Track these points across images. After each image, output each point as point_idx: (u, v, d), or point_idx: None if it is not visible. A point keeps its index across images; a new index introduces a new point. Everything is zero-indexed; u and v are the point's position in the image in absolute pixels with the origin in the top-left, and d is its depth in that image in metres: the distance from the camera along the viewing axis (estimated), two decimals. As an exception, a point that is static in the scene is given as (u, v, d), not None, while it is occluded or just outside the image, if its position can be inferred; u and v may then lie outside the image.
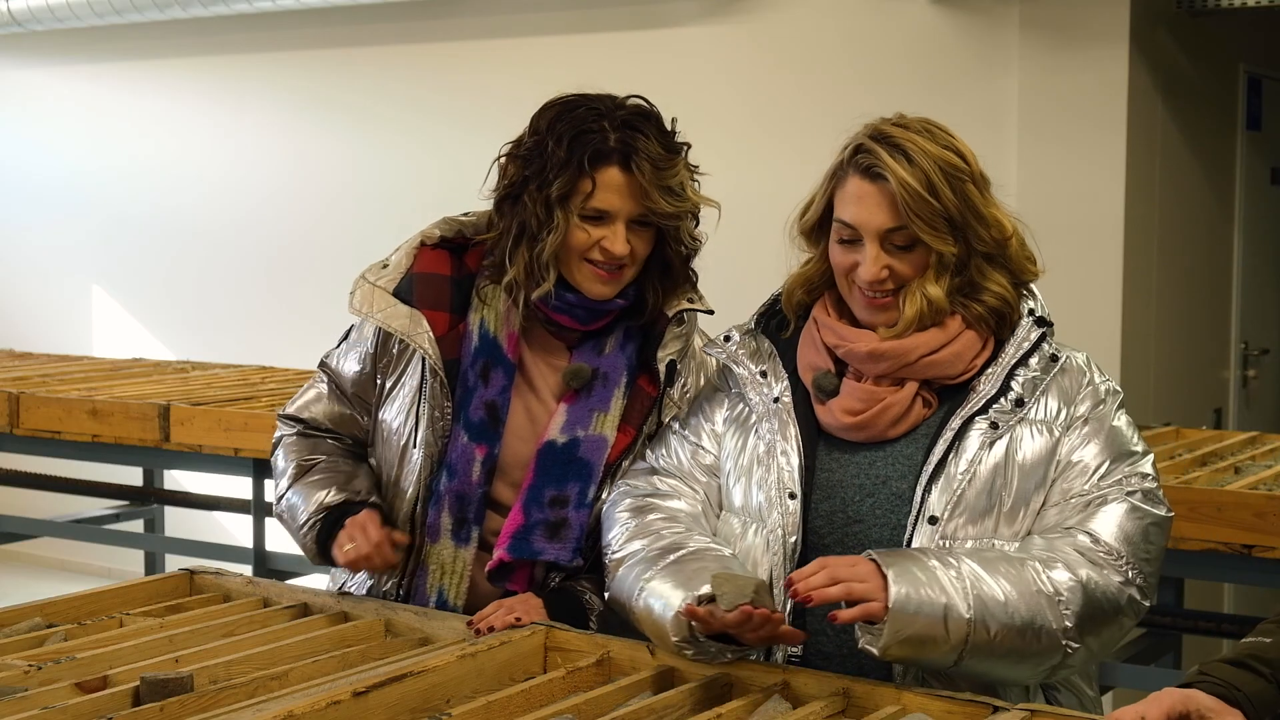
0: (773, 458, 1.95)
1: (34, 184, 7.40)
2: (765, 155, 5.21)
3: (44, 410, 4.47)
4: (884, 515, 1.90)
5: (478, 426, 2.13)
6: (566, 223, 2.05)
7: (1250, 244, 5.60)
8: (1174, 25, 4.96)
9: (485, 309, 2.16)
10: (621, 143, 2.04)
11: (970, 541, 1.85)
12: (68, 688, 1.78)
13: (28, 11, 6.53)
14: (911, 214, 1.85)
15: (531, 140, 2.09)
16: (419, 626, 2.09)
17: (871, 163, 1.88)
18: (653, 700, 1.74)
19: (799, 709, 1.74)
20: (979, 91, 4.94)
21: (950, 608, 1.71)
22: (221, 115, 6.75)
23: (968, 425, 1.88)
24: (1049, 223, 4.76)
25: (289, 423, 2.32)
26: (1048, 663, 1.77)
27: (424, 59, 6.18)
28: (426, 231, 2.22)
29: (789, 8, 5.32)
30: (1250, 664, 1.60)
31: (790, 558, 1.91)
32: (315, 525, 2.18)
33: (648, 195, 2.05)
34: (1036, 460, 1.88)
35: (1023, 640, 1.74)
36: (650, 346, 2.17)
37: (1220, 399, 5.50)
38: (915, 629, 1.71)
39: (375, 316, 2.17)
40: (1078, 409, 1.91)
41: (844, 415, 1.92)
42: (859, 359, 1.92)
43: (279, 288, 6.64)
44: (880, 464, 1.92)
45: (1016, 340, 1.92)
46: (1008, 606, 1.73)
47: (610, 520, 2.05)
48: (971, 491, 1.86)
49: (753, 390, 2.01)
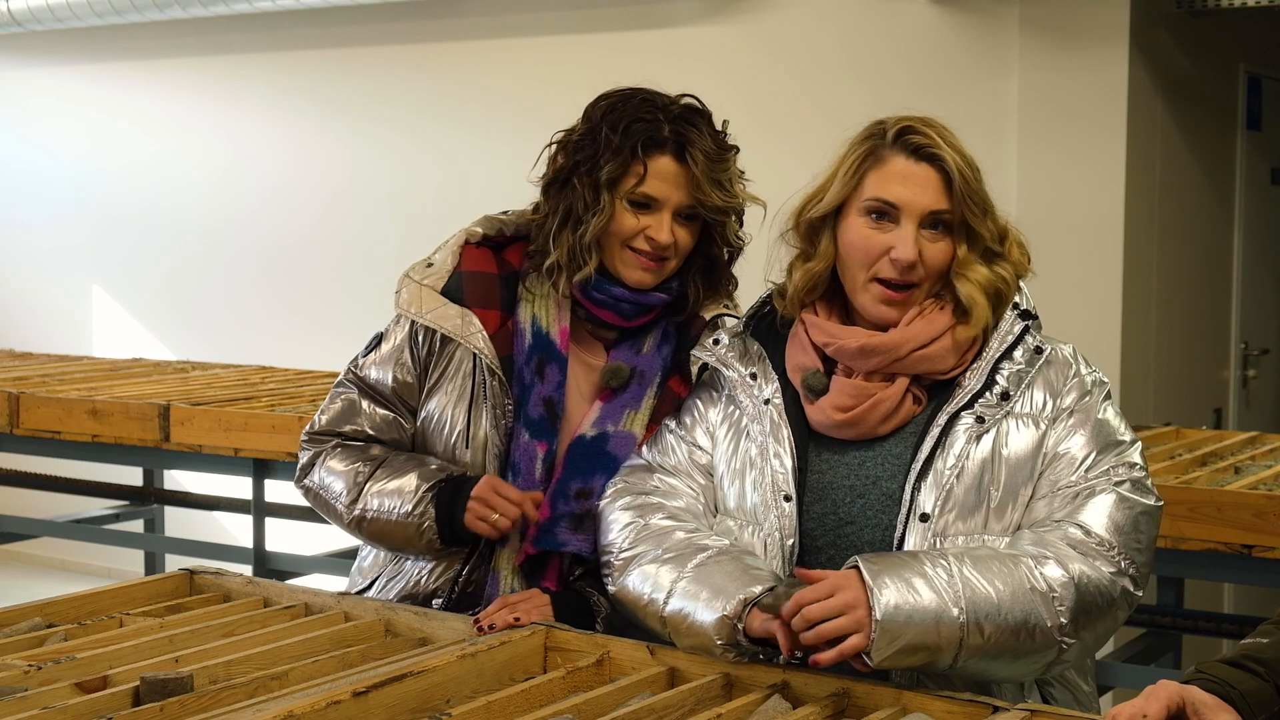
0: (766, 460, 1.95)
1: (34, 184, 7.40)
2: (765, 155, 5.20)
3: (44, 410, 4.47)
4: (875, 516, 1.90)
5: (537, 423, 2.13)
6: (613, 207, 2.06)
7: (1250, 244, 5.60)
8: (1174, 25, 4.96)
9: (535, 304, 2.16)
10: (675, 134, 2.07)
11: (961, 538, 1.85)
12: (68, 688, 1.78)
13: (28, 11, 6.53)
14: (965, 196, 1.87)
15: (585, 128, 2.10)
16: (419, 626, 2.09)
17: (923, 143, 1.88)
18: (653, 700, 1.74)
19: (799, 709, 1.74)
20: (979, 91, 4.94)
21: (942, 613, 1.71)
22: (221, 115, 6.75)
23: (954, 421, 1.88)
24: (1049, 223, 4.77)
25: (323, 438, 2.24)
26: (1044, 660, 1.77)
27: (424, 59, 6.18)
28: (470, 229, 2.21)
29: (789, 8, 5.32)
30: (1246, 664, 1.60)
31: (789, 560, 1.91)
32: (428, 506, 2.09)
33: (699, 187, 2.06)
34: (1024, 454, 1.87)
35: (1017, 640, 1.74)
36: (685, 349, 2.17)
37: (1220, 399, 5.50)
38: (908, 638, 1.70)
39: (425, 317, 2.15)
40: (1064, 400, 1.90)
41: (835, 412, 1.92)
42: (849, 355, 1.92)
43: (279, 288, 6.64)
44: (870, 464, 1.92)
45: (1000, 334, 1.92)
46: (1000, 607, 1.73)
47: (610, 518, 2.04)
48: (960, 487, 1.85)
49: (743, 392, 2.01)
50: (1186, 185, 5.17)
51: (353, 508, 2.16)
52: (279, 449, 4.07)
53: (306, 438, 2.26)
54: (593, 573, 2.15)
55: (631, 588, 1.95)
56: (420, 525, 2.11)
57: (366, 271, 6.20)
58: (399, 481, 2.13)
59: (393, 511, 2.12)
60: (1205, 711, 1.52)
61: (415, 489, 2.11)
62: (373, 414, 2.21)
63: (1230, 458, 3.59)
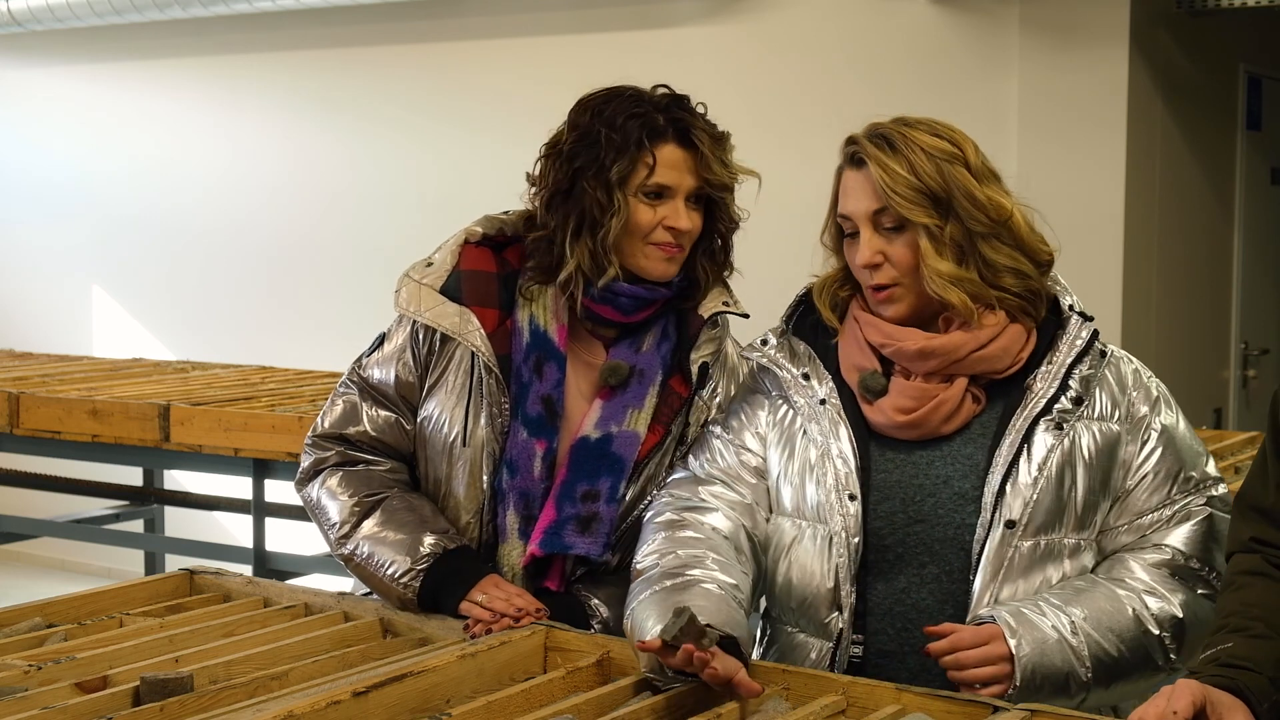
0: (828, 459, 1.94)
1: (34, 184, 7.40)
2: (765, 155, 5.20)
3: (44, 410, 4.47)
4: (947, 515, 1.90)
5: (536, 421, 2.12)
6: (628, 204, 2.06)
7: (1250, 244, 5.60)
8: (1174, 25, 4.97)
9: (534, 304, 2.15)
10: (672, 121, 2.07)
11: (1042, 542, 1.88)
12: (68, 688, 1.78)
13: (28, 11, 6.53)
14: (888, 190, 1.88)
15: (576, 133, 2.09)
16: (419, 626, 2.09)
17: (854, 151, 1.94)
18: (653, 700, 1.74)
19: (799, 709, 1.73)
20: (979, 91, 4.94)
21: (1072, 675, 1.80)
22: (221, 115, 6.75)
23: (1033, 426, 1.89)
24: (1049, 223, 4.76)
25: (326, 444, 2.22)
26: (1152, 685, 1.84)
27: (424, 59, 6.19)
28: (470, 229, 2.20)
29: (789, 8, 5.32)
30: (1238, 664, 1.61)
31: (855, 559, 1.91)
32: (419, 575, 2.09)
33: (708, 167, 2.08)
34: (1098, 459, 1.90)
35: (1134, 681, 1.85)
36: (684, 347, 2.16)
37: (1220, 399, 5.50)
38: (1040, 695, 1.77)
39: (424, 315, 2.14)
40: (1136, 408, 1.93)
41: (896, 414, 1.92)
42: (908, 357, 1.92)
43: (279, 288, 6.64)
44: (939, 463, 1.92)
45: (1069, 339, 1.93)
46: (1120, 661, 1.82)
47: (645, 531, 2.03)
48: (1045, 495, 1.87)
49: (797, 393, 2.00)
50: (1186, 185, 5.17)
51: (343, 543, 2.16)
52: (279, 449, 4.07)
53: (311, 441, 2.25)
54: (594, 574, 2.15)
55: (628, 599, 1.94)
56: (403, 595, 2.10)
57: (366, 271, 6.20)
58: (394, 539, 2.11)
59: (380, 568, 2.11)
60: (1224, 711, 1.54)
61: (413, 552, 2.09)
62: (375, 416, 2.20)
63: (1230, 458, 3.59)
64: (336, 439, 2.22)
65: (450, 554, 2.10)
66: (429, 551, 2.10)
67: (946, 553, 1.89)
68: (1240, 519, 1.79)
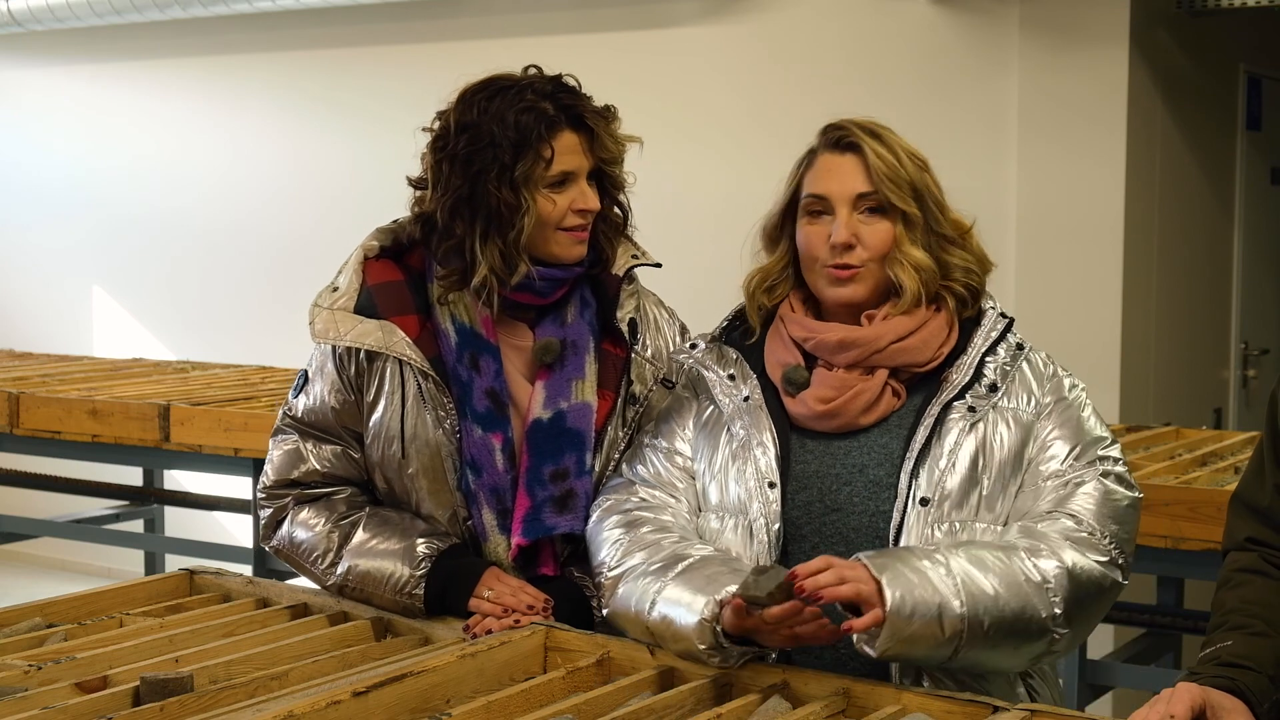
0: (749, 451, 1.98)
1: (34, 184, 7.40)
2: (765, 155, 5.20)
3: (44, 410, 4.47)
4: (862, 503, 1.93)
5: (486, 416, 2.12)
6: (535, 201, 2.07)
7: (1250, 244, 5.60)
8: (1174, 25, 4.96)
9: (453, 305, 2.14)
10: (560, 107, 2.08)
11: (957, 524, 1.88)
12: (68, 688, 1.78)
13: (28, 11, 6.53)
14: (882, 177, 1.94)
15: (466, 136, 2.09)
16: (419, 626, 2.09)
17: (842, 136, 1.99)
18: (653, 700, 1.74)
19: (799, 709, 1.74)
20: (979, 91, 4.94)
21: (944, 606, 1.74)
22: (221, 115, 6.75)
23: (946, 411, 1.93)
24: (1049, 223, 4.77)
25: (279, 492, 2.20)
26: (1037, 650, 1.82)
27: (424, 59, 6.18)
28: (366, 244, 2.23)
29: (789, 8, 5.32)
30: (1238, 663, 1.61)
31: (774, 546, 1.93)
32: (422, 582, 2.09)
33: (602, 145, 2.10)
34: (1012, 448, 1.93)
35: (1014, 631, 1.78)
36: (607, 309, 2.19)
37: (1220, 399, 5.50)
38: (912, 629, 1.73)
39: (345, 339, 2.14)
40: (1045, 398, 1.97)
41: (816, 404, 1.96)
42: (829, 349, 1.97)
43: (279, 288, 6.64)
44: (855, 453, 1.95)
45: (984, 330, 1.99)
46: (998, 600, 1.76)
47: (599, 539, 2.04)
48: (955, 475, 1.90)
49: (722, 393, 2.04)
50: (1186, 185, 5.17)
51: (332, 570, 2.15)
52: (279, 449, 4.06)
53: (263, 495, 2.23)
54: (581, 555, 2.15)
55: (620, 602, 1.95)
56: (409, 604, 2.10)
57: (366, 271, 6.19)
58: (384, 548, 2.11)
59: (379, 582, 2.11)
60: (1224, 714, 1.53)
61: (405, 566, 2.09)
62: (320, 453, 2.19)
63: (1230, 458, 3.59)
64: (288, 485, 2.20)
65: (446, 554, 2.11)
66: (425, 554, 2.10)
67: (862, 541, 1.92)
68: (1236, 518, 1.79)
